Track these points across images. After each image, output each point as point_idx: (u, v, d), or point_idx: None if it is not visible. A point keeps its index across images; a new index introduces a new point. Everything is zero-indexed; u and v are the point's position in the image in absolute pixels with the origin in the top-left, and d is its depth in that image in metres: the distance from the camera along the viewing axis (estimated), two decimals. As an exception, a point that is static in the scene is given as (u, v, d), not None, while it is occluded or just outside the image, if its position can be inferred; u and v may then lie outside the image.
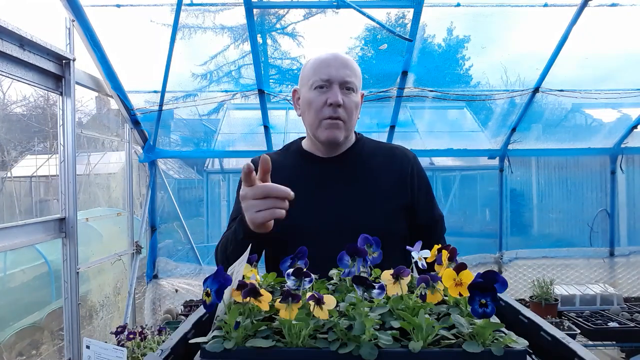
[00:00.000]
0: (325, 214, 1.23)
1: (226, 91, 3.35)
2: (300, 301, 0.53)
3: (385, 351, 0.50)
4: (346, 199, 1.25)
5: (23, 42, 2.07)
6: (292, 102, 1.40)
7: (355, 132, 1.39)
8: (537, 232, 4.30)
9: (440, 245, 0.71)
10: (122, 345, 1.87)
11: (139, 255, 3.43)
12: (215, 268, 0.57)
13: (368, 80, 3.37)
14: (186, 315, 3.20)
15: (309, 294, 0.53)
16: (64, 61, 2.39)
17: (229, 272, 0.62)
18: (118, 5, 2.77)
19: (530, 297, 3.28)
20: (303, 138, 1.42)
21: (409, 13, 2.81)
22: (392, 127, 3.50)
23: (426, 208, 1.32)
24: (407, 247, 0.74)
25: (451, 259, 0.68)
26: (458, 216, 4.65)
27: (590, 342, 2.96)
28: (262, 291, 0.55)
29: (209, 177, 5.18)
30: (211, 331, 0.56)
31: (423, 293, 0.59)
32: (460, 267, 0.57)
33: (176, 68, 3.03)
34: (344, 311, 0.56)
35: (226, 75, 3.42)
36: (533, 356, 0.56)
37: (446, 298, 0.62)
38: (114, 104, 3.16)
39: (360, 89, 1.31)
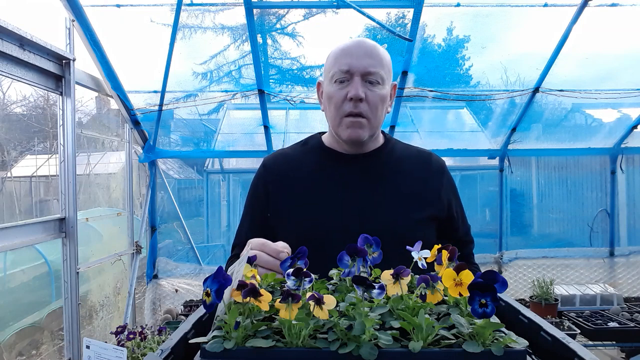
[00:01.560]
0: (349, 217, 1.13)
1: (226, 91, 3.35)
2: (300, 301, 0.53)
3: (385, 351, 0.50)
4: (372, 202, 1.14)
5: (23, 42, 2.07)
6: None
7: (382, 131, 1.28)
8: (537, 232, 4.30)
9: (439, 246, 0.71)
10: (122, 345, 1.87)
11: (139, 255, 3.43)
12: (215, 268, 0.57)
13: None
14: (186, 315, 3.20)
15: (309, 294, 0.53)
16: (64, 61, 2.39)
17: (228, 272, 0.62)
18: (118, 5, 2.76)
19: (530, 297, 3.28)
20: (323, 133, 1.31)
21: (409, 13, 2.81)
22: (392, 127, 3.51)
23: (458, 223, 1.24)
24: (407, 247, 0.74)
25: (451, 259, 0.68)
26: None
27: (590, 342, 2.96)
28: (262, 291, 0.55)
29: (209, 177, 5.18)
30: (211, 331, 0.56)
31: (423, 293, 0.59)
32: (460, 267, 0.57)
33: (176, 68, 3.03)
34: (344, 311, 0.56)
35: (226, 75, 3.42)
36: (533, 356, 0.56)
37: (446, 298, 0.62)
38: (114, 104, 3.16)
39: (391, 79, 1.18)
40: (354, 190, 1.15)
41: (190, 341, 0.55)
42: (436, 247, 0.70)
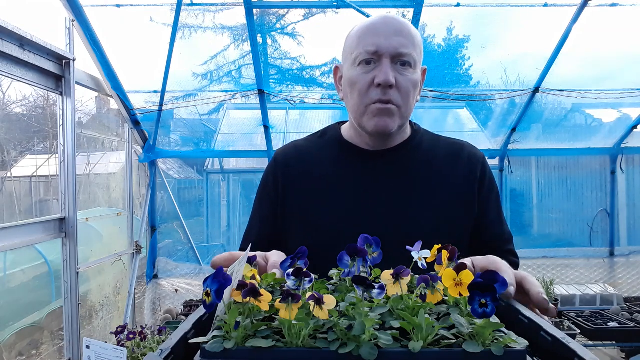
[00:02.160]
0: (372, 221, 0.99)
1: (226, 91, 3.35)
2: (300, 301, 0.53)
3: (385, 351, 0.50)
4: (399, 204, 1.00)
5: (23, 42, 2.07)
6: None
7: (410, 121, 1.11)
8: (537, 232, 4.29)
9: (439, 246, 0.71)
10: (122, 345, 1.87)
11: (139, 255, 3.43)
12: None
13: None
14: (186, 315, 3.20)
15: (308, 294, 0.53)
16: (64, 61, 2.39)
17: (228, 272, 0.62)
18: (118, 5, 2.77)
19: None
20: (342, 123, 1.14)
21: (409, 13, 2.81)
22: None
23: (494, 222, 1.07)
24: (407, 247, 0.73)
25: (451, 259, 0.68)
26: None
27: (590, 342, 2.96)
28: (262, 291, 0.55)
29: (209, 177, 5.18)
30: (211, 331, 0.56)
31: (423, 293, 0.59)
32: (460, 267, 0.57)
33: (176, 68, 3.03)
34: (344, 311, 0.56)
35: (226, 75, 3.42)
36: (533, 356, 0.56)
37: (446, 298, 0.62)
38: (114, 104, 3.16)
39: (422, 62, 1.01)
40: (377, 192, 1.01)
41: (190, 341, 0.55)
42: (436, 247, 0.70)
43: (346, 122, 1.13)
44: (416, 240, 0.72)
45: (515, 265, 1.03)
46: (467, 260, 0.78)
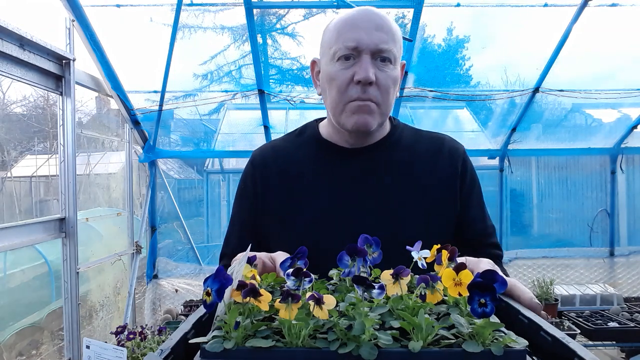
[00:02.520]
0: (351, 219, 0.97)
1: (226, 91, 3.35)
2: (300, 301, 0.53)
3: (385, 351, 0.50)
4: (378, 201, 0.98)
5: (23, 42, 2.07)
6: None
7: (390, 116, 1.07)
8: (537, 232, 4.30)
9: (439, 246, 0.71)
10: (122, 345, 1.87)
11: (139, 255, 3.44)
12: (215, 268, 0.57)
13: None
14: (186, 315, 3.20)
15: (308, 294, 0.53)
16: (64, 61, 2.39)
17: (228, 272, 0.62)
18: (118, 5, 2.77)
19: (530, 297, 3.28)
20: (320, 120, 1.11)
21: (409, 13, 2.81)
22: (392, 127, 3.50)
23: (477, 218, 1.04)
24: (407, 247, 0.73)
25: (451, 259, 0.68)
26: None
27: (590, 342, 2.96)
28: (262, 291, 0.55)
29: (209, 177, 5.19)
30: (211, 331, 0.56)
31: (423, 293, 0.59)
32: (459, 267, 0.57)
33: (176, 68, 3.03)
34: (343, 311, 0.56)
35: (226, 75, 3.42)
36: (533, 356, 0.56)
37: (446, 298, 0.62)
38: (114, 104, 3.16)
39: (401, 57, 0.99)
40: (357, 192, 0.99)
41: (190, 341, 0.55)
42: (436, 247, 0.70)
43: (324, 118, 1.10)
44: (396, 238, 0.72)
45: (499, 257, 1.03)
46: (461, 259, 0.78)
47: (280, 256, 0.79)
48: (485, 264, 0.76)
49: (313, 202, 1.00)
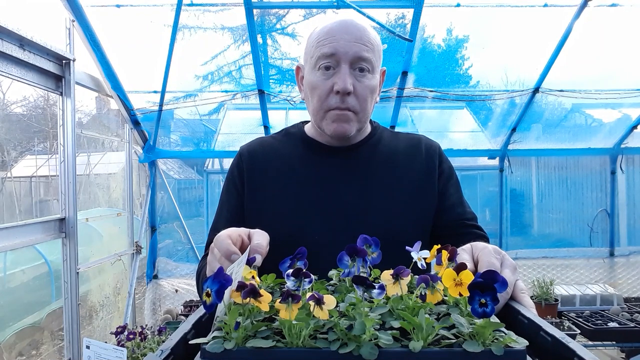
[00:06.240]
0: (335, 217, 1.01)
1: (226, 91, 3.35)
2: (300, 301, 0.53)
3: (386, 351, 0.50)
4: (362, 199, 1.03)
5: (23, 42, 2.07)
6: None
7: (370, 120, 1.15)
8: (537, 232, 4.30)
9: (439, 246, 0.71)
10: (122, 346, 1.87)
11: (139, 255, 3.44)
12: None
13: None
14: (186, 316, 3.20)
15: (308, 294, 0.53)
16: (64, 61, 2.39)
17: (227, 272, 0.62)
18: (118, 5, 2.77)
19: (530, 297, 3.27)
20: (307, 122, 1.18)
21: (409, 13, 2.81)
22: (392, 127, 3.51)
23: (455, 204, 1.07)
24: (407, 248, 0.73)
25: (451, 259, 0.68)
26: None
27: (590, 342, 2.96)
28: (262, 292, 0.55)
29: (209, 177, 5.18)
30: (211, 332, 0.56)
31: (423, 293, 0.59)
32: (460, 267, 0.57)
33: (176, 68, 3.03)
34: (344, 311, 0.56)
35: (226, 75, 3.42)
36: (533, 356, 0.56)
37: (446, 298, 0.62)
38: (114, 104, 3.16)
39: (380, 65, 1.05)
40: (340, 188, 1.04)
41: (191, 342, 0.55)
42: (436, 247, 0.70)
43: (309, 121, 1.15)
44: (378, 234, 0.72)
45: (485, 239, 1.04)
46: (466, 246, 0.79)
47: (258, 235, 0.80)
48: (490, 250, 0.77)
49: (296, 197, 1.04)
